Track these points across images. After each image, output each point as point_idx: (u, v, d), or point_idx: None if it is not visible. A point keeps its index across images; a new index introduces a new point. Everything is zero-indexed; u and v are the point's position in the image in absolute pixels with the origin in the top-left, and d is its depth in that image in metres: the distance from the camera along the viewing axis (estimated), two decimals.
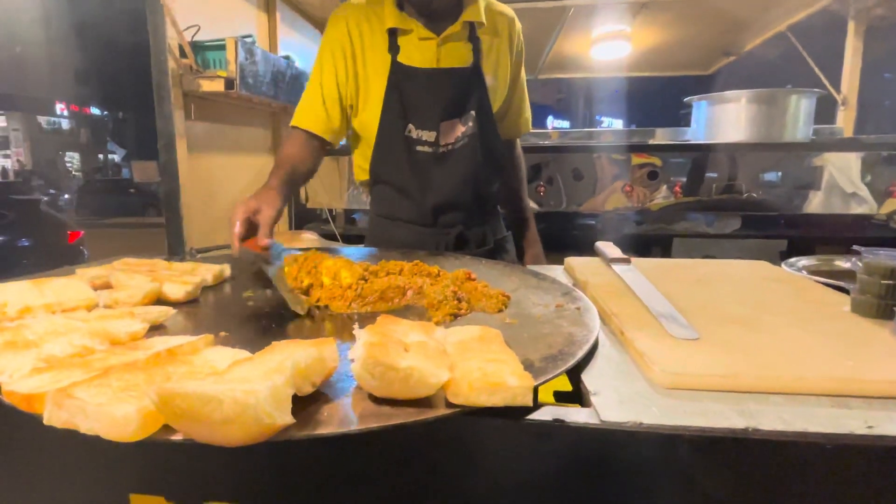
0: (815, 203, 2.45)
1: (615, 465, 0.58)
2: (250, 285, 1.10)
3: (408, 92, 1.41)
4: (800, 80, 3.36)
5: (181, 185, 1.64)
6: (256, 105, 2.21)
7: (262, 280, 1.11)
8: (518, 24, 1.56)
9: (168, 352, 0.66)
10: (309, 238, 2.21)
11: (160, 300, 0.98)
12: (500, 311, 0.92)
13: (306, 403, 0.56)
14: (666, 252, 2.41)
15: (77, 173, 27.40)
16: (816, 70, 3.35)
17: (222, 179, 2.09)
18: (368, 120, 1.46)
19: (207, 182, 1.96)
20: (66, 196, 18.37)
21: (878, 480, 0.55)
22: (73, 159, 28.86)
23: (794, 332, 0.77)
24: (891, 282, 0.86)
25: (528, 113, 1.67)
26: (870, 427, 0.55)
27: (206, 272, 1.12)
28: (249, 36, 1.83)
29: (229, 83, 1.69)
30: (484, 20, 1.45)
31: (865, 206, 2.45)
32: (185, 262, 1.20)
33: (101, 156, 29.94)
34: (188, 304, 1.00)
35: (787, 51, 3.78)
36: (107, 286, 1.02)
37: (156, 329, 0.84)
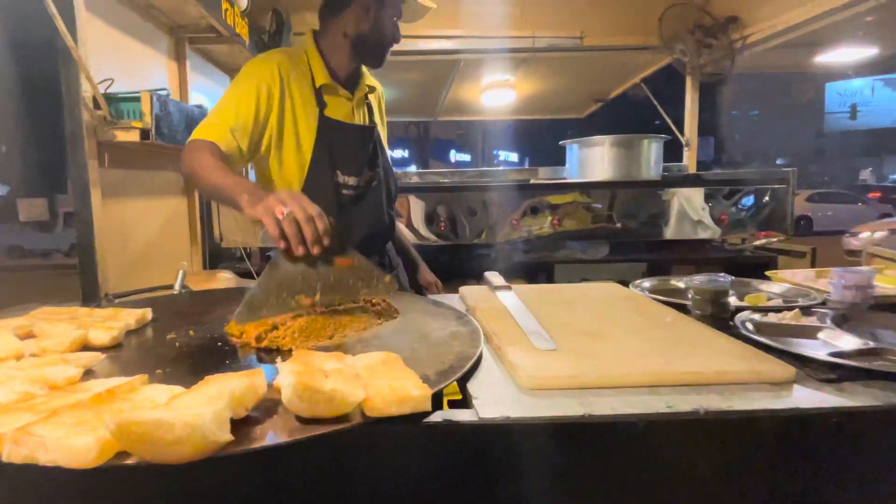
0: (670, 230, 2.81)
1: (492, 451, 0.71)
2: (173, 327, 1.12)
3: (336, 143, 1.54)
4: (652, 122, 3.86)
5: (96, 232, 1.62)
6: (169, 150, 2.21)
7: (185, 320, 1.15)
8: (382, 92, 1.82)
9: (108, 392, 0.71)
10: (225, 278, 2.21)
11: (86, 346, 0.99)
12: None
13: (241, 426, 0.64)
14: (550, 277, 2.66)
15: None
16: (664, 115, 3.84)
17: (137, 223, 2.06)
18: (290, 163, 1.52)
19: (121, 227, 1.93)
20: None
21: (674, 446, 0.73)
22: None
23: (629, 339, 0.96)
24: (712, 301, 1.09)
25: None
26: (669, 407, 0.73)
27: (129, 317, 1.13)
28: (164, 89, 1.85)
29: (144, 133, 1.71)
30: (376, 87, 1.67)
31: (709, 231, 2.84)
32: (105, 309, 1.21)
33: None
34: (114, 348, 1.01)
35: (645, 98, 4.30)
36: (30, 335, 1.02)
37: (88, 374, 0.87)
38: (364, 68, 1.67)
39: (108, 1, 1.94)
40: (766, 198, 2.75)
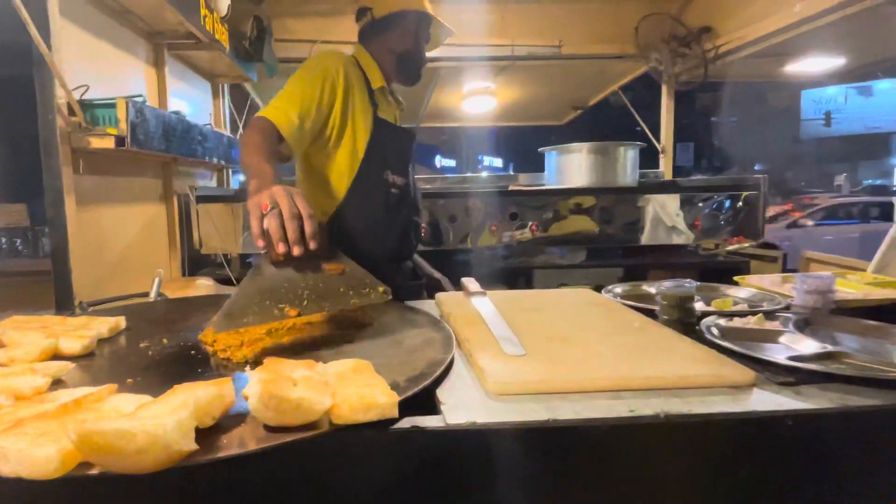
0: (645, 236, 2.85)
1: (458, 456, 0.72)
2: (146, 335, 1.11)
3: (388, 143, 1.64)
4: (633, 129, 3.92)
5: (70, 239, 1.60)
6: (147, 157, 2.19)
7: (159, 328, 1.14)
8: None
9: (74, 402, 0.70)
10: (205, 284, 2.19)
11: (57, 356, 0.98)
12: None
13: (208, 435, 0.64)
14: (529, 282, 2.69)
15: None
16: (641, 122, 3.91)
17: (113, 230, 2.03)
18: (345, 156, 1.59)
19: (97, 234, 1.91)
20: None
21: (637, 448, 0.74)
22: None
23: (597, 345, 0.97)
24: (678, 307, 1.12)
25: None
26: (632, 411, 0.75)
27: (102, 325, 1.12)
28: (140, 95, 1.84)
29: (120, 140, 1.69)
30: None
31: (683, 236, 2.89)
32: (77, 317, 1.19)
33: None
34: (86, 357, 0.99)
35: (623, 105, 4.37)
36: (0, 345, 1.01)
37: (57, 383, 0.86)
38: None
39: (84, 6, 1.92)
40: (739, 204, 2.81)
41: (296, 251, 1.01)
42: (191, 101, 3.06)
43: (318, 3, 3.28)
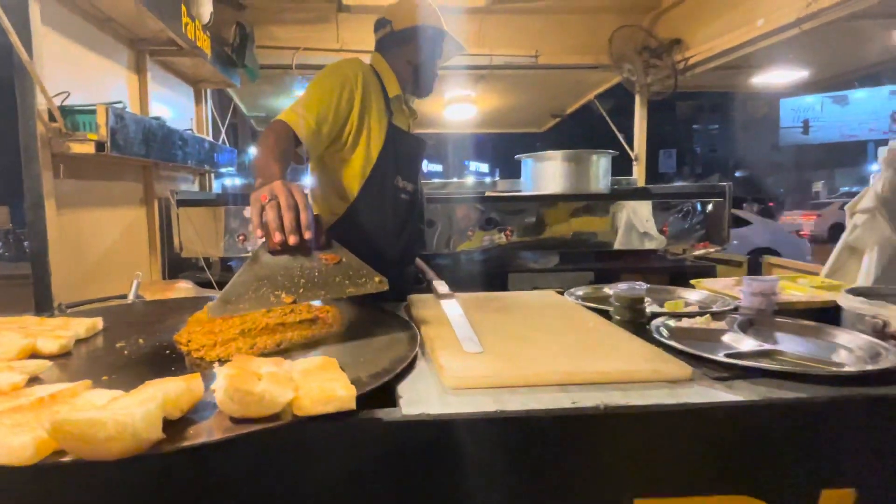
0: (617, 241, 2.93)
1: (414, 445, 0.77)
2: (123, 336, 1.13)
3: (400, 149, 1.69)
4: (614, 136, 4.01)
5: (49, 243, 1.62)
6: (127, 161, 2.21)
7: (136, 329, 1.17)
8: None
9: (50, 396, 0.74)
10: (184, 287, 2.20)
11: (34, 355, 1.01)
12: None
13: (176, 426, 0.69)
14: (504, 285, 2.75)
15: None
16: (616, 131, 4.01)
17: (93, 234, 2.06)
18: (359, 160, 1.64)
19: (77, 237, 1.93)
20: None
21: (577, 439, 0.80)
22: None
23: (550, 342, 1.03)
24: (629, 307, 1.18)
25: None
26: (574, 403, 0.80)
27: (79, 326, 1.14)
28: (120, 102, 1.87)
29: (100, 146, 1.72)
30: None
31: (655, 242, 2.97)
32: (56, 318, 1.22)
33: None
34: (63, 356, 1.02)
35: (599, 114, 4.47)
36: None
37: (34, 381, 0.89)
38: None
39: (66, 14, 1.95)
40: (706, 211, 2.91)
41: (292, 240, 1.05)
42: (173, 105, 3.08)
43: (299, 11, 3.32)
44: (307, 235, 1.06)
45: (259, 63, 3.38)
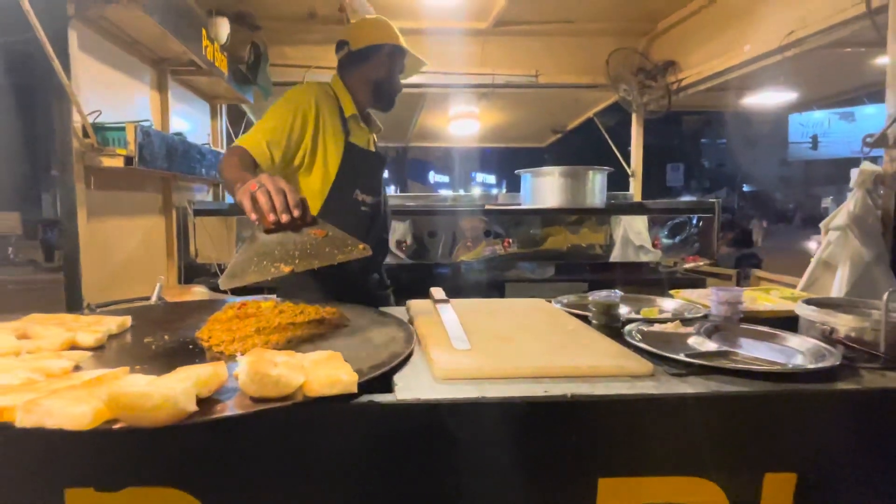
0: (614, 253, 3.05)
1: (405, 426, 0.89)
2: (150, 332, 1.25)
3: (358, 165, 1.81)
4: (608, 153, 4.14)
5: (81, 249, 1.77)
6: (150, 174, 2.37)
7: (161, 327, 1.30)
8: None
9: (97, 378, 0.88)
10: (199, 292, 2.35)
11: (74, 346, 1.14)
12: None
13: (206, 404, 0.81)
14: (501, 294, 2.88)
15: None
16: (613, 148, 4.15)
17: (117, 240, 2.21)
18: (317, 178, 1.75)
19: (104, 243, 2.07)
20: None
21: (548, 423, 0.92)
22: None
23: (530, 342, 1.15)
24: (605, 313, 1.30)
25: None
26: (546, 391, 0.92)
27: (111, 322, 1.27)
28: (147, 120, 2.02)
29: (128, 160, 1.87)
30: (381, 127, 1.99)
31: (650, 255, 3.09)
32: (89, 316, 1.36)
33: None
34: (98, 349, 1.14)
35: (607, 128, 4.60)
36: (25, 337, 1.17)
37: (76, 369, 1.01)
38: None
39: (99, 39, 2.11)
40: (696, 226, 3.03)
41: (284, 218, 1.18)
42: (191, 120, 3.25)
43: (310, 32, 3.49)
44: (296, 213, 1.19)
45: (272, 80, 3.55)
